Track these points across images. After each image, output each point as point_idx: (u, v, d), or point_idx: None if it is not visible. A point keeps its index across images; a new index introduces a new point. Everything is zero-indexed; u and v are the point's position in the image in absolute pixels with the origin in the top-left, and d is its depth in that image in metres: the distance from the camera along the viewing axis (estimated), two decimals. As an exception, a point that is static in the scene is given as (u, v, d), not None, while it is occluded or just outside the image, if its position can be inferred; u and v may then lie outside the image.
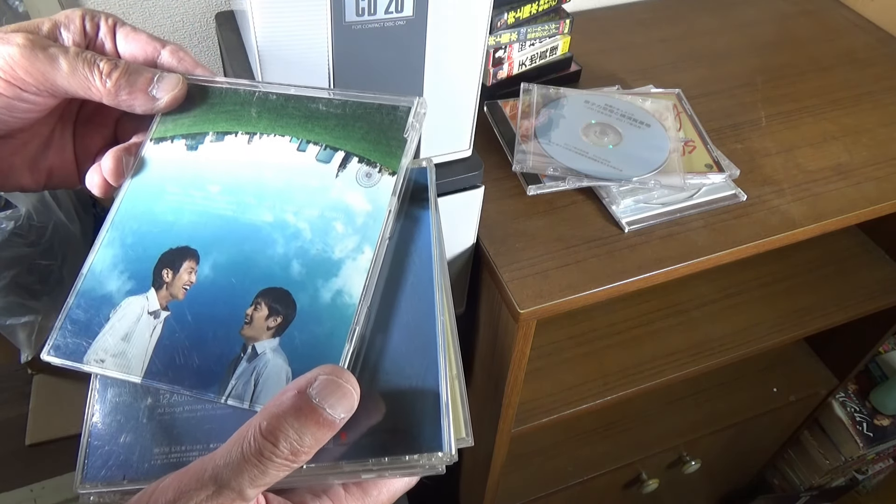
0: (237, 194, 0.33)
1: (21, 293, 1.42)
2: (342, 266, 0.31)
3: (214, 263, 0.32)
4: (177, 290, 0.31)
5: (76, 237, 1.50)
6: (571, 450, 1.06)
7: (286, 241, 0.32)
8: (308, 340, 0.29)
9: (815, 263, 0.97)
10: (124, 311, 0.31)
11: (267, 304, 0.30)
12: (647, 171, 0.67)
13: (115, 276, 0.32)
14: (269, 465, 0.24)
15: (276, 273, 0.31)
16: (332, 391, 0.25)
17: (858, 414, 1.28)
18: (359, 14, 0.46)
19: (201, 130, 0.35)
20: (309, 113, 0.35)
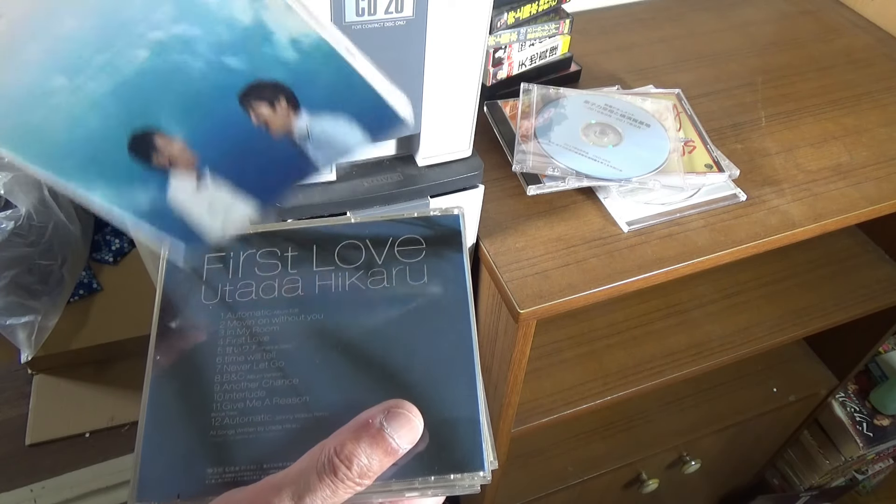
0: (86, 65, 0.26)
1: (21, 293, 1.42)
2: (264, 21, 0.26)
3: (176, 121, 0.27)
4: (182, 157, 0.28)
5: (76, 237, 1.50)
6: (571, 450, 1.06)
7: (192, 54, 0.26)
8: (326, 91, 0.27)
9: (815, 263, 0.97)
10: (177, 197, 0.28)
11: (256, 100, 0.28)
12: (647, 171, 0.67)
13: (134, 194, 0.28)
14: (339, 485, 0.26)
15: (227, 80, 0.27)
16: (402, 424, 0.28)
17: (858, 414, 1.28)
18: (359, 14, 0.46)
19: None
20: None
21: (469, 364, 0.33)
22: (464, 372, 0.32)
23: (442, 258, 0.35)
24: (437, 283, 0.34)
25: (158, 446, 0.30)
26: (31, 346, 1.45)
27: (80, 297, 1.59)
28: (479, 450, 0.31)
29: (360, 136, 0.28)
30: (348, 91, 0.28)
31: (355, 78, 0.28)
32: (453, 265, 0.35)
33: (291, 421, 0.31)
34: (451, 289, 0.35)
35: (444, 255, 0.36)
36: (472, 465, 0.30)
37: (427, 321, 0.33)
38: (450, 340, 0.33)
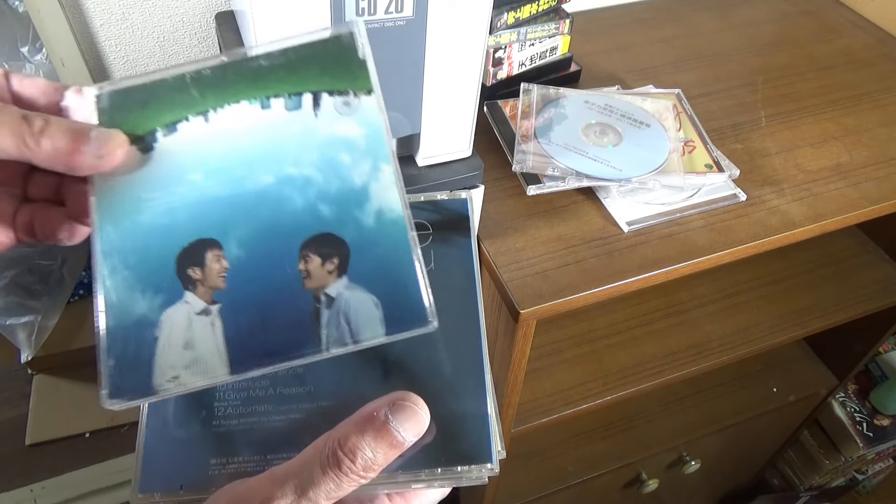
0: (224, 172, 0.31)
1: (21, 293, 1.42)
2: (369, 189, 0.30)
3: (240, 241, 0.30)
4: (214, 281, 0.30)
5: (76, 237, 1.49)
6: (571, 450, 1.06)
7: (301, 192, 0.30)
8: (375, 265, 0.29)
9: (814, 263, 0.97)
10: (169, 324, 0.29)
11: (315, 252, 0.30)
12: (647, 171, 0.67)
13: (138, 298, 0.29)
14: (343, 479, 0.26)
15: (308, 223, 0.30)
16: (408, 416, 0.27)
17: (858, 414, 1.28)
18: (359, 14, 0.46)
19: (147, 129, 0.32)
20: (253, 73, 0.32)
21: (477, 353, 0.32)
22: (472, 362, 0.32)
23: (449, 244, 0.35)
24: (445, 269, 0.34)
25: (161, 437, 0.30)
26: (31, 346, 1.45)
27: (80, 297, 1.59)
28: (487, 441, 0.31)
29: (378, 325, 0.29)
30: (394, 273, 0.29)
31: (406, 264, 0.30)
32: (461, 250, 0.35)
33: (296, 411, 0.31)
34: (459, 275, 0.34)
35: (451, 240, 0.35)
36: (479, 456, 0.30)
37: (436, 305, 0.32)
38: (458, 329, 0.33)
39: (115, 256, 0.30)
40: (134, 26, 0.75)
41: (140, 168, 0.31)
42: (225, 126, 0.32)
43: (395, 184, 0.30)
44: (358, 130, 0.31)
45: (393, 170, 0.31)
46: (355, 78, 0.32)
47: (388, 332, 0.29)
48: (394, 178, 0.30)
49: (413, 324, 0.29)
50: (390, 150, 0.31)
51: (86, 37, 0.74)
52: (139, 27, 0.75)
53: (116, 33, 0.75)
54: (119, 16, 0.73)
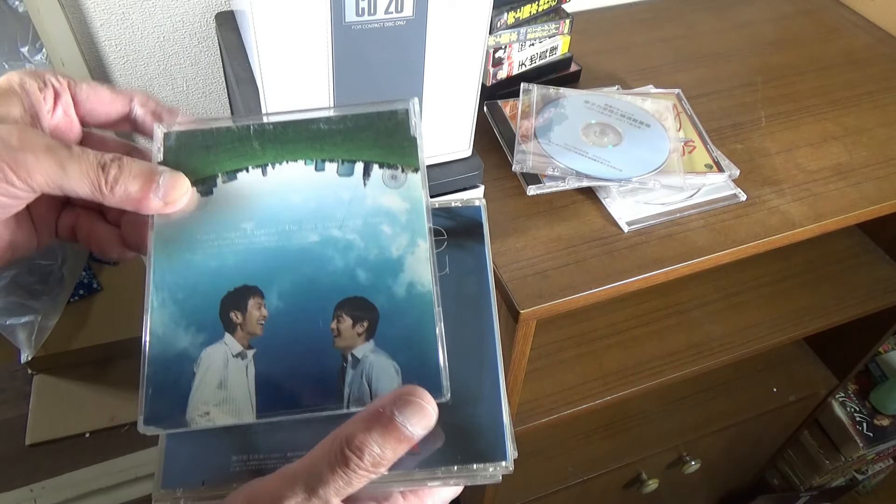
0: (274, 225, 0.33)
1: (21, 293, 1.42)
2: (404, 261, 0.33)
3: (280, 293, 0.32)
4: (253, 327, 0.32)
5: (76, 237, 1.49)
6: (571, 450, 1.06)
7: (342, 255, 0.33)
8: (400, 334, 0.31)
9: (814, 263, 0.97)
10: (207, 361, 0.31)
11: (348, 313, 0.32)
12: (647, 171, 0.67)
13: (182, 332, 0.31)
14: (353, 476, 0.26)
15: (345, 285, 0.32)
16: (414, 411, 0.27)
17: (858, 414, 1.28)
18: (359, 14, 0.46)
19: (209, 174, 0.34)
20: (312, 134, 0.35)
21: (492, 355, 0.34)
22: (486, 363, 0.33)
23: (464, 249, 0.36)
24: (459, 274, 0.35)
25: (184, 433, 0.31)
26: (31, 346, 1.45)
27: (80, 297, 1.59)
28: (503, 440, 0.32)
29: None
30: (417, 345, 0.31)
31: (429, 335, 0.32)
32: (475, 256, 0.36)
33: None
34: (474, 280, 0.36)
35: (466, 246, 0.37)
36: (495, 455, 0.31)
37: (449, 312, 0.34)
38: (472, 331, 0.34)
39: (165, 290, 0.32)
40: (134, 26, 0.75)
41: (198, 209, 0.33)
42: (281, 181, 0.34)
43: (428, 260, 0.33)
44: (402, 205, 0.34)
45: (428, 246, 0.33)
46: (405, 154, 0.35)
47: None
48: (428, 255, 0.33)
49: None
50: (428, 228, 0.34)
51: (86, 37, 0.74)
52: (139, 27, 0.75)
53: (116, 33, 0.75)
54: (119, 16, 0.73)
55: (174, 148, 0.35)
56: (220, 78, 0.84)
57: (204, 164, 0.34)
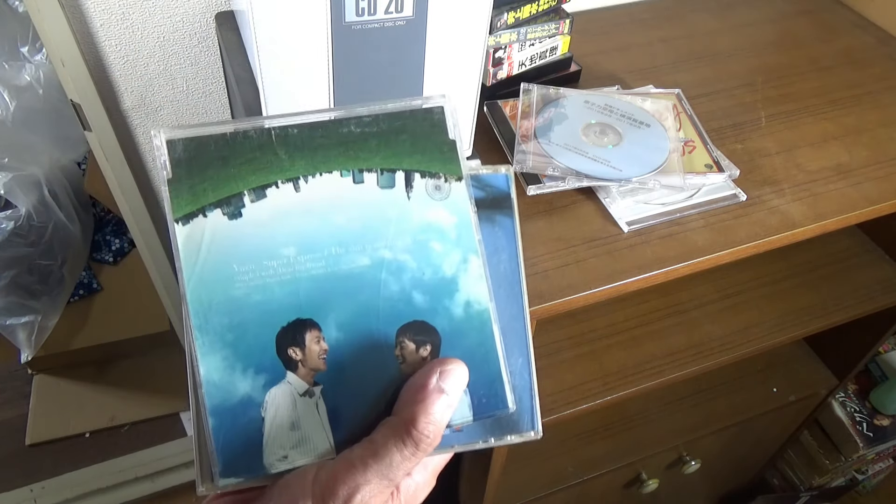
0: (318, 249, 0.31)
1: (21, 293, 1.42)
2: (458, 280, 0.32)
3: (338, 323, 0.30)
4: (315, 362, 0.30)
5: (76, 237, 1.50)
6: (571, 450, 1.06)
7: (396, 277, 0.31)
8: (463, 354, 0.31)
9: (814, 263, 0.97)
10: (274, 404, 0.29)
11: (410, 338, 0.31)
12: (647, 171, 0.67)
13: (239, 376, 0.29)
14: (420, 454, 0.28)
15: (403, 310, 0.31)
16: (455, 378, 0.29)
17: (858, 414, 1.28)
18: (359, 14, 0.46)
19: (234, 192, 0.30)
20: (343, 139, 0.32)
21: (521, 333, 0.33)
22: (517, 339, 0.33)
23: (494, 223, 0.35)
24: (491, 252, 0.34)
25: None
26: (31, 346, 1.45)
27: (80, 297, 1.59)
28: (534, 414, 0.33)
29: (466, 410, 0.31)
30: (480, 362, 0.31)
31: (491, 353, 0.32)
32: (505, 231, 0.35)
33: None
34: (506, 258, 0.34)
35: (495, 220, 0.35)
36: (527, 427, 0.33)
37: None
38: (503, 308, 0.33)
39: (211, 333, 0.29)
40: (134, 26, 0.75)
41: (230, 236, 0.30)
42: (317, 198, 0.31)
43: (482, 276, 0.32)
44: (449, 219, 0.32)
45: (481, 262, 0.32)
46: (446, 161, 0.33)
47: (475, 416, 0.31)
48: (482, 271, 0.32)
49: (497, 409, 0.31)
50: (478, 241, 0.32)
51: (86, 37, 0.74)
52: (139, 27, 0.75)
53: (116, 33, 0.75)
54: (119, 16, 0.73)
55: (184, 160, 0.30)
56: (220, 78, 0.84)
57: (224, 180, 0.30)
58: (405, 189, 0.32)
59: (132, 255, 1.66)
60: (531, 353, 0.34)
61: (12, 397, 1.55)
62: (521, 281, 0.34)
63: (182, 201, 0.30)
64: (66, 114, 1.31)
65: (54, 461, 1.45)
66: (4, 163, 1.30)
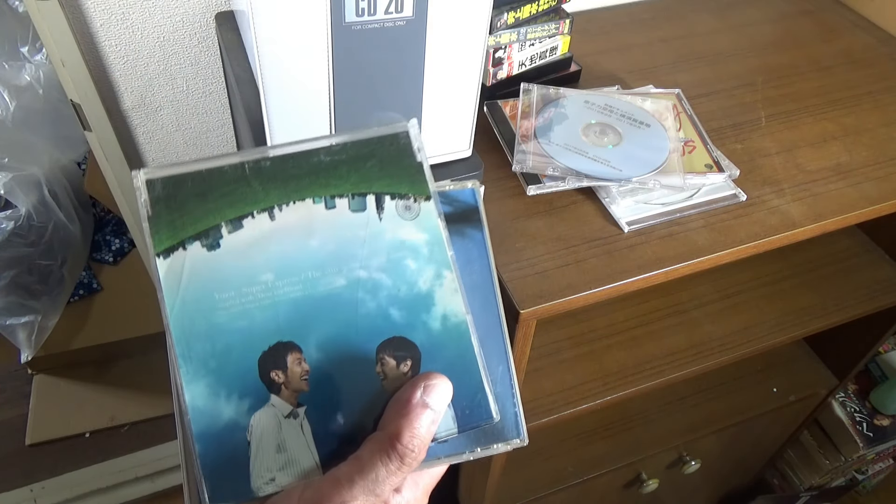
0: (296, 273, 0.32)
1: (21, 293, 1.42)
2: (434, 294, 0.33)
3: (318, 344, 0.31)
4: (298, 384, 0.31)
5: (76, 237, 1.50)
6: (571, 450, 1.06)
7: (373, 295, 0.32)
8: (443, 366, 0.32)
9: (814, 263, 0.97)
10: (259, 427, 0.30)
11: (391, 354, 0.32)
12: (647, 171, 0.67)
13: (223, 402, 0.30)
14: (405, 468, 0.28)
15: (381, 326, 0.32)
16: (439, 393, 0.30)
17: (858, 414, 1.28)
18: (358, 14, 0.46)
19: (212, 224, 0.31)
20: (314, 168, 0.33)
21: (499, 342, 0.34)
22: (495, 349, 0.34)
23: (464, 237, 0.36)
24: (461, 262, 0.35)
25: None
26: (31, 346, 1.45)
27: (80, 297, 1.59)
28: (517, 421, 0.33)
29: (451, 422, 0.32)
30: (461, 373, 0.32)
31: (472, 364, 0.32)
32: (475, 243, 0.36)
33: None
34: (477, 269, 0.35)
35: (466, 233, 0.36)
36: (511, 434, 0.33)
37: None
38: (481, 320, 0.34)
39: (194, 360, 0.30)
40: (134, 26, 0.75)
41: (210, 267, 0.31)
42: (292, 224, 0.32)
43: (457, 290, 0.33)
44: (421, 236, 0.33)
45: (455, 276, 0.33)
46: (414, 182, 0.34)
47: (460, 428, 0.32)
48: (456, 285, 0.33)
49: (481, 420, 0.32)
50: (450, 256, 0.33)
51: (86, 37, 0.74)
52: (139, 27, 0.75)
53: (116, 33, 0.75)
54: (119, 16, 0.73)
55: (163, 198, 0.31)
56: (220, 78, 0.84)
57: (202, 214, 0.31)
58: (376, 211, 0.33)
59: (132, 255, 1.66)
60: (511, 360, 0.34)
61: (12, 397, 1.55)
62: (496, 290, 0.35)
63: (162, 237, 0.31)
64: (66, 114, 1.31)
65: (54, 461, 1.45)
66: (4, 163, 1.30)
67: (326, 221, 0.33)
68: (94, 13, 0.72)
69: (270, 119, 0.50)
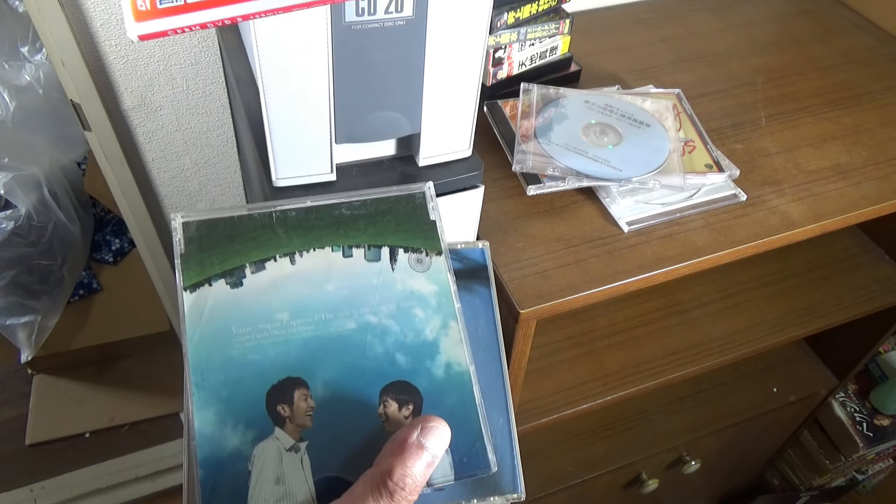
0: (310, 314, 0.34)
1: (21, 293, 1.42)
2: (439, 343, 0.34)
3: (325, 382, 0.32)
4: (302, 419, 0.32)
5: (76, 237, 1.50)
6: (571, 450, 1.06)
7: (381, 340, 0.34)
8: (444, 413, 0.32)
9: (814, 263, 0.97)
10: (261, 458, 0.31)
11: (393, 398, 0.33)
12: (647, 171, 0.67)
13: (230, 430, 0.31)
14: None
15: (387, 370, 0.33)
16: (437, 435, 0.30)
17: (858, 414, 1.28)
18: (358, 14, 0.46)
19: (237, 264, 0.34)
20: (335, 220, 0.36)
21: (500, 394, 0.35)
22: (496, 402, 0.35)
23: (472, 292, 0.38)
24: (468, 317, 0.36)
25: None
26: (31, 346, 1.45)
27: (80, 297, 1.59)
28: (516, 475, 0.34)
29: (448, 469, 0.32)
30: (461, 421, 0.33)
31: (472, 413, 0.33)
32: (482, 299, 0.38)
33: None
34: (483, 323, 0.37)
35: (473, 289, 0.38)
36: (508, 487, 0.34)
37: None
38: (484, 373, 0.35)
39: (207, 389, 0.32)
40: (134, 26, 0.75)
41: (231, 303, 0.33)
42: (310, 269, 0.35)
43: (462, 341, 0.34)
44: (430, 288, 0.35)
45: (461, 327, 0.35)
46: (427, 238, 0.36)
47: (456, 476, 0.32)
48: (461, 336, 0.34)
49: (478, 470, 0.32)
50: (457, 309, 0.35)
51: (86, 37, 0.74)
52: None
53: (116, 33, 0.75)
54: (119, 16, 0.73)
55: (195, 238, 0.34)
56: (220, 78, 0.84)
57: (230, 254, 0.34)
58: (390, 262, 0.35)
59: (132, 255, 1.66)
60: (511, 413, 0.35)
61: (12, 397, 1.55)
62: (500, 344, 0.37)
63: (191, 272, 0.34)
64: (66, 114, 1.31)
65: (54, 461, 1.45)
66: (4, 163, 1.30)
67: (343, 268, 0.35)
68: (94, 13, 0.72)
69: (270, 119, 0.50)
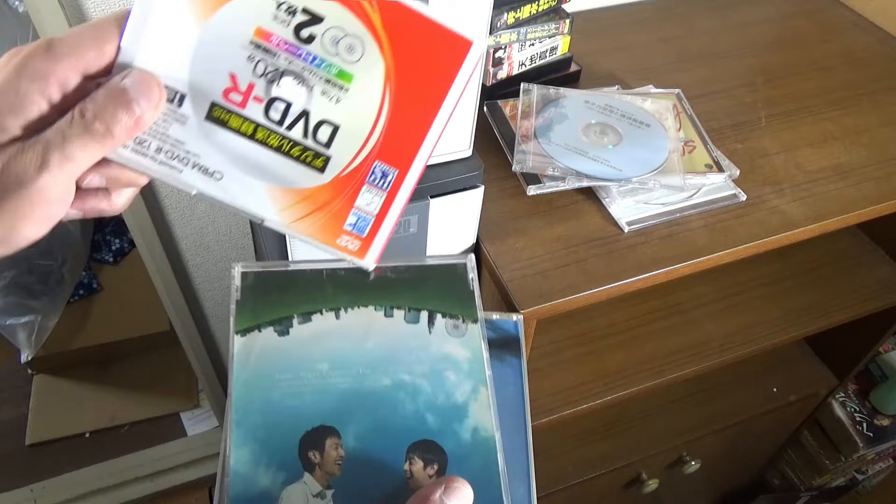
0: (348, 367, 0.36)
1: (21, 293, 1.42)
2: (468, 407, 0.36)
3: (356, 434, 0.34)
4: (331, 467, 0.33)
5: (76, 237, 1.50)
6: (571, 450, 1.06)
7: (412, 399, 0.35)
8: (468, 476, 0.32)
9: (815, 263, 0.97)
10: (288, 501, 0.32)
11: (420, 456, 0.34)
12: (647, 171, 0.67)
13: (262, 471, 0.33)
14: None
15: (416, 428, 0.34)
16: (459, 496, 0.30)
17: (858, 414, 1.28)
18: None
19: (286, 314, 0.36)
20: (381, 282, 0.38)
21: (524, 464, 0.37)
22: (519, 471, 0.37)
23: (503, 361, 0.40)
24: (498, 385, 0.38)
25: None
26: (31, 346, 1.45)
27: (80, 297, 1.59)
28: None
29: None
30: (484, 486, 0.33)
31: (495, 479, 0.34)
32: (513, 369, 0.40)
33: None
34: (511, 392, 0.39)
35: (504, 358, 0.40)
36: None
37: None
38: (508, 438, 0.37)
39: (246, 428, 0.34)
40: (134, 26, 0.75)
41: (276, 349, 0.36)
42: (353, 325, 0.37)
43: (490, 407, 0.36)
44: (464, 353, 0.37)
45: (490, 393, 0.36)
46: (465, 306, 0.38)
47: None
48: (490, 402, 0.36)
49: None
50: (488, 376, 0.37)
51: (86, 37, 0.74)
52: (139, 27, 0.75)
53: (116, 33, 0.75)
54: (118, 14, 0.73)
55: (251, 287, 0.37)
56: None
57: (280, 305, 0.37)
58: (428, 325, 0.38)
59: (132, 255, 1.66)
60: (533, 485, 0.36)
61: (12, 397, 1.55)
62: (526, 415, 0.39)
63: (244, 318, 0.36)
64: (66, 114, 1.31)
65: (54, 461, 1.45)
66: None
67: (383, 327, 0.37)
68: (94, 13, 0.72)
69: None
